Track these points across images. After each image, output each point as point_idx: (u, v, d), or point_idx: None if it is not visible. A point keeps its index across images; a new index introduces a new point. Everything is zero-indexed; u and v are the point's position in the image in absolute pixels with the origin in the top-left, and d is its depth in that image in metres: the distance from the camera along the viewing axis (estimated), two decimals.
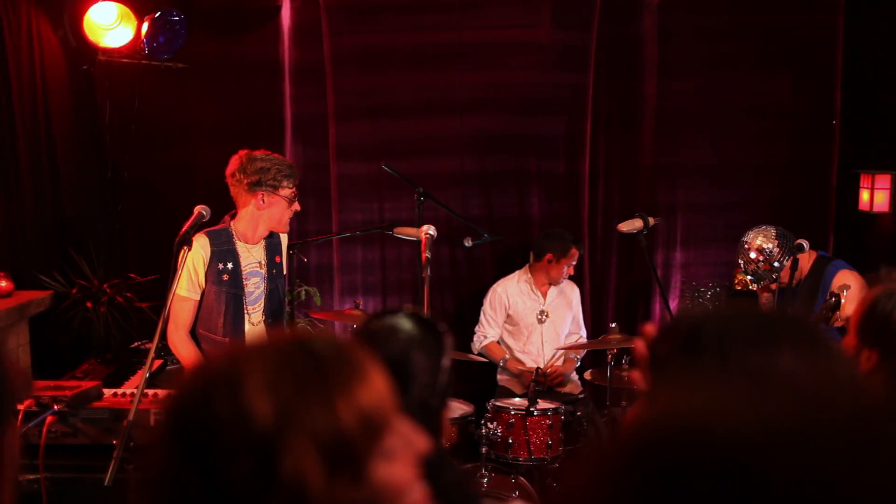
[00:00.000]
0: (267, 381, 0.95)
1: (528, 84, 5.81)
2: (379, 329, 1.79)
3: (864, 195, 5.28)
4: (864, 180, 5.30)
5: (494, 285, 5.42)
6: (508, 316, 5.33)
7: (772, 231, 4.24)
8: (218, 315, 3.56)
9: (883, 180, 5.17)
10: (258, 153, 3.61)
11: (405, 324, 1.78)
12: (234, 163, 3.59)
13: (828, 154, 5.84)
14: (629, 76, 5.89)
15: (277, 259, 3.74)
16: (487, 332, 5.35)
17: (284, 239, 3.83)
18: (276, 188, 3.56)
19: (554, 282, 5.29)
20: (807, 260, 4.17)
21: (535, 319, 5.28)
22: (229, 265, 3.56)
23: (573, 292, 5.46)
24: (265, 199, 3.55)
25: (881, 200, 5.19)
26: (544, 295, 5.32)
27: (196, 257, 3.49)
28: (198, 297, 3.56)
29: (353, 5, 5.71)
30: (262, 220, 3.61)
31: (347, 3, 5.71)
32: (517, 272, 5.42)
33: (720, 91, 5.79)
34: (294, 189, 3.64)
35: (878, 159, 5.26)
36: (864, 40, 5.52)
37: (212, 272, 3.54)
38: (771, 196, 5.76)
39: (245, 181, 3.53)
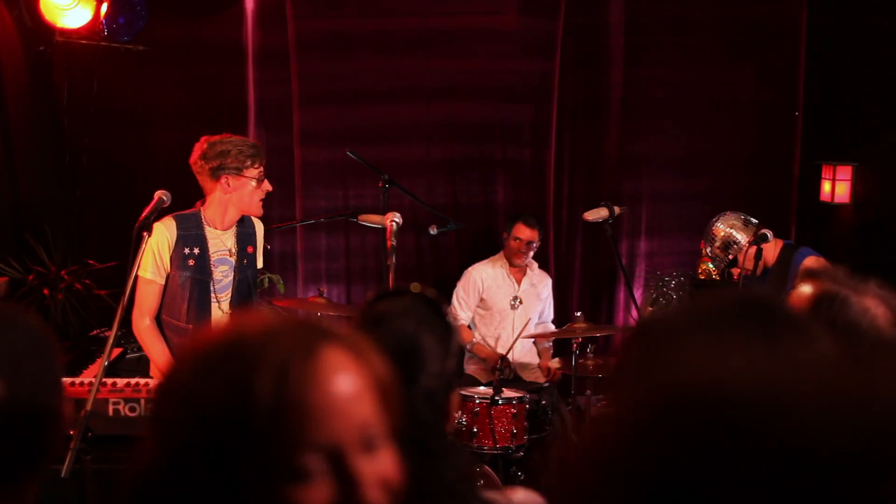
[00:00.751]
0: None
1: (494, 72, 5.79)
2: (387, 312, 1.66)
3: (826, 186, 5.33)
4: (826, 171, 5.35)
5: (469, 268, 5.39)
6: (482, 300, 5.32)
7: (738, 218, 4.26)
8: (182, 301, 3.49)
9: (844, 171, 5.22)
10: (217, 137, 3.53)
11: (415, 305, 1.66)
12: (195, 150, 3.51)
13: (790, 145, 5.90)
14: (596, 65, 5.90)
15: (249, 250, 3.67)
16: (459, 314, 5.32)
17: (260, 229, 3.76)
18: (240, 170, 3.48)
19: (512, 261, 5.29)
20: (773, 249, 4.19)
21: (507, 305, 5.27)
22: (196, 250, 3.49)
23: (543, 282, 5.46)
24: (230, 182, 3.48)
25: (842, 192, 5.24)
26: (518, 282, 5.32)
27: (161, 240, 3.42)
28: (163, 282, 3.48)
29: None
30: (230, 204, 3.54)
31: None
32: (492, 258, 5.41)
33: (685, 81, 5.82)
34: (260, 168, 3.56)
35: (840, 151, 5.32)
36: (827, 33, 5.57)
37: (177, 256, 3.46)
38: (734, 186, 5.81)
39: (207, 167, 3.46)
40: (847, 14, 5.30)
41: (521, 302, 5.28)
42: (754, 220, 4.27)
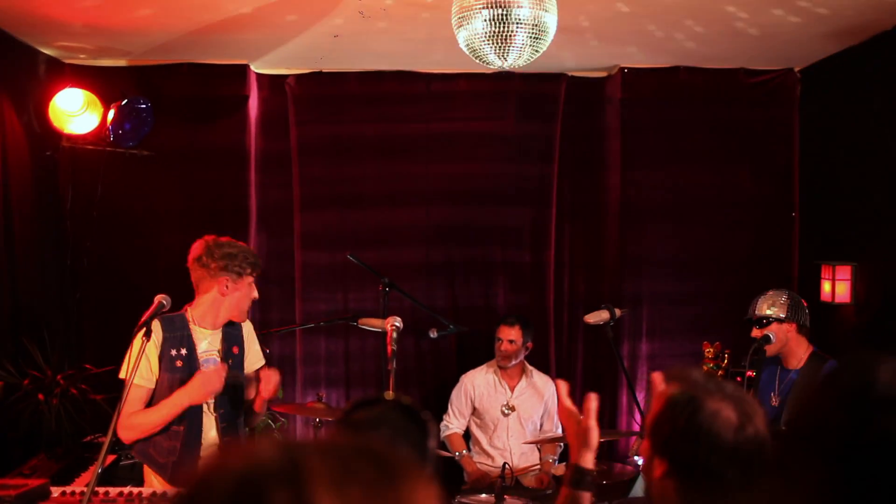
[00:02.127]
0: (333, 480, 0.88)
1: (493, 175, 5.87)
2: (362, 420, 1.72)
3: (826, 286, 5.33)
4: (825, 271, 5.36)
5: (463, 376, 5.36)
6: (475, 408, 5.25)
7: (783, 296, 4.16)
8: None
9: (843, 271, 5.23)
10: (225, 239, 3.58)
11: (388, 413, 1.71)
12: (199, 247, 3.54)
13: (788, 245, 5.92)
14: (593, 168, 5.98)
15: (235, 350, 3.64)
16: (451, 422, 5.26)
17: (248, 328, 3.74)
18: (240, 275, 3.51)
19: (498, 364, 5.25)
20: (800, 348, 4.08)
21: (499, 413, 5.20)
22: (183, 351, 3.46)
23: (546, 386, 5.38)
24: (229, 284, 3.49)
25: (842, 291, 5.23)
26: (512, 388, 5.25)
27: (149, 344, 3.39)
28: (152, 386, 3.43)
29: (321, 95, 5.77)
30: (223, 306, 3.54)
31: (315, 93, 5.76)
32: (486, 364, 5.36)
33: (682, 183, 5.88)
34: (255, 277, 3.60)
35: (839, 250, 5.33)
36: (820, 134, 5.67)
37: (165, 359, 3.43)
38: (734, 287, 5.80)
39: (212, 265, 3.48)
40: (840, 115, 5.41)
41: (513, 409, 5.20)
42: (800, 301, 4.17)
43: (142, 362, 3.36)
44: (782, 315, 4.02)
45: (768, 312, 4.04)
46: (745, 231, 5.91)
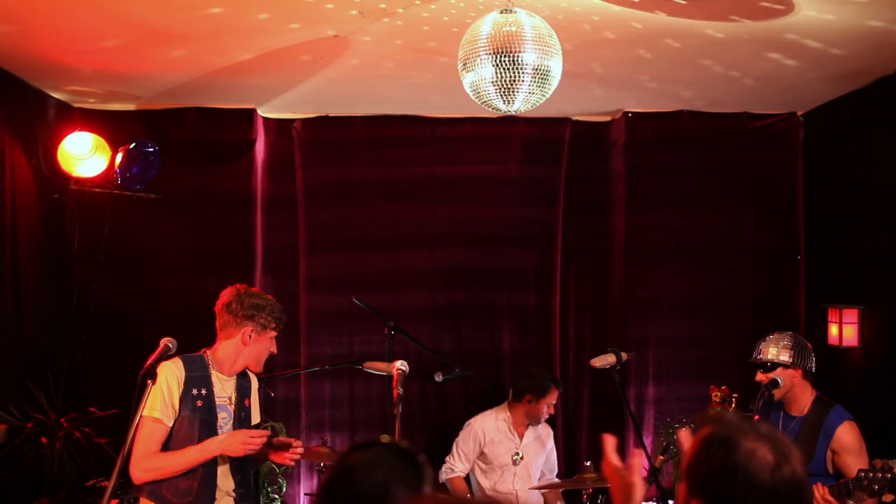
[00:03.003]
0: None
1: (498, 219, 5.89)
2: (358, 463, 1.74)
3: (833, 329, 5.31)
4: (832, 314, 5.34)
5: (472, 420, 5.29)
6: (482, 453, 5.19)
7: (788, 340, 4.10)
8: (190, 442, 3.40)
9: (850, 315, 5.21)
10: (255, 290, 3.64)
11: (384, 456, 1.74)
12: (229, 294, 3.55)
13: (795, 288, 5.91)
14: (598, 211, 6.00)
15: (246, 402, 3.64)
16: (456, 465, 5.20)
17: (255, 383, 3.74)
18: (264, 328, 3.53)
19: (534, 422, 5.18)
20: (804, 394, 4.03)
21: (509, 460, 5.14)
22: (203, 391, 3.45)
23: (547, 433, 5.34)
24: (252, 335, 3.51)
25: (850, 335, 5.21)
26: (521, 436, 5.19)
27: (171, 379, 3.37)
28: (170, 423, 3.39)
29: (327, 139, 5.81)
30: (242, 354, 3.54)
31: (321, 138, 5.81)
32: (495, 409, 5.29)
33: (687, 226, 5.89)
34: (276, 333, 3.61)
35: (845, 293, 5.32)
36: (824, 177, 5.69)
37: (186, 397, 3.41)
38: (741, 330, 5.76)
39: (240, 313, 3.49)
40: (843, 158, 5.43)
41: (522, 457, 5.15)
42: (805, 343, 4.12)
43: (160, 397, 3.34)
44: (788, 360, 3.98)
45: (773, 357, 4.01)
46: (750, 274, 5.90)
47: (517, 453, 5.14)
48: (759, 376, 4.03)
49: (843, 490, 3.49)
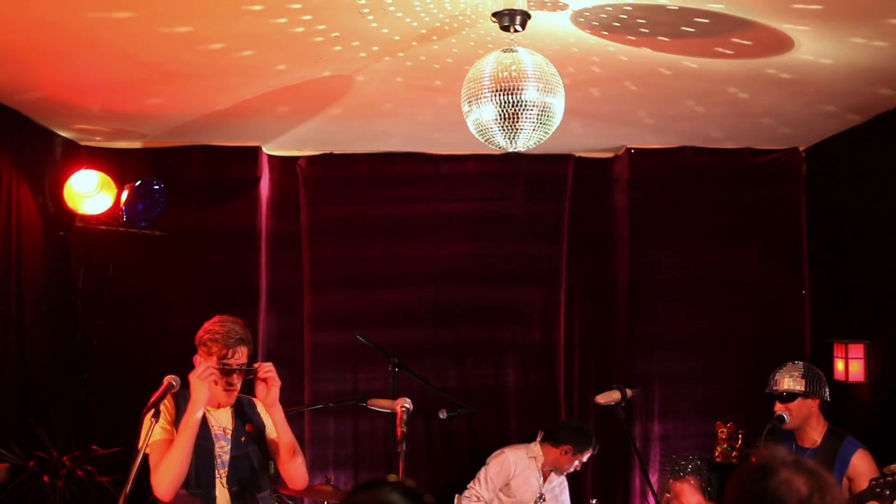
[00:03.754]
0: None
1: (502, 255, 5.89)
2: (364, 501, 1.73)
3: (839, 365, 5.27)
4: (838, 350, 5.31)
5: (505, 449, 5.23)
6: (508, 485, 5.13)
7: (803, 369, 4.07)
8: (190, 467, 3.37)
9: (856, 350, 5.18)
10: (218, 318, 3.60)
11: (390, 495, 1.73)
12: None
13: (800, 323, 5.89)
14: (602, 248, 6.00)
15: (248, 428, 3.60)
16: (482, 493, 5.11)
17: (260, 407, 3.70)
18: (208, 351, 3.49)
19: (558, 472, 5.17)
20: (819, 425, 4.00)
21: (531, 499, 5.09)
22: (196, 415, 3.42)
23: (564, 485, 5.32)
24: (199, 359, 3.50)
25: (856, 370, 5.18)
26: (545, 477, 5.16)
27: (165, 416, 3.36)
28: (172, 438, 3.37)
29: (331, 176, 5.84)
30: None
31: (325, 175, 5.84)
32: (526, 445, 5.24)
33: (691, 262, 5.89)
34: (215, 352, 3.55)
35: (851, 328, 5.30)
36: (827, 212, 5.69)
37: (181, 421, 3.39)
38: (746, 366, 5.74)
39: (196, 344, 3.52)
40: (846, 192, 5.43)
41: (544, 500, 5.11)
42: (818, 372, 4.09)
43: (164, 419, 3.32)
44: (806, 389, 3.96)
45: (790, 387, 3.99)
46: (755, 309, 5.89)
47: (541, 496, 5.10)
48: (778, 406, 4.00)
49: (855, 501, 3.46)
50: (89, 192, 5.19)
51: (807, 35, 3.59)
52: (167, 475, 3.29)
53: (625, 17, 3.36)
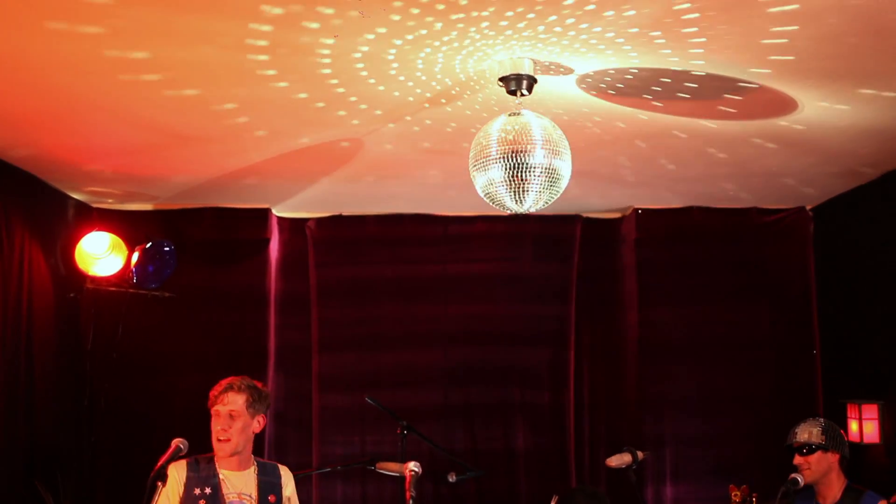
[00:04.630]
0: None
1: (511, 316, 5.89)
2: None
3: (853, 425, 5.21)
4: (851, 410, 5.25)
5: None
6: None
7: (823, 424, 4.04)
8: None
9: (870, 410, 5.12)
10: (253, 381, 3.68)
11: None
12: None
13: (812, 383, 5.83)
14: (611, 307, 6.00)
15: (272, 499, 3.58)
16: None
17: (287, 476, 3.69)
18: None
19: None
20: (839, 481, 3.95)
21: None
22: (207, 490, 3.41)
23: None
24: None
25: (871, 431, 5.11)
26: None
27: (171, 483, 3.34)
28: None
29: (340, 238, 5.88)
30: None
31: (334, 236, 5.87)
32: None
33: (701, 321, 5.87)
34: (214, 408, 3.61)
35: (864, 388, 5.25)
36: (836, 271, 5.68)
37: (189, 499, 3.37)
38: (759, 427, 5.69)
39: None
40: (855, 252, 5.43)
41: None
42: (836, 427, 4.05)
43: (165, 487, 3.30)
44: (826, 443, 3.92)
45: (812, 440, 3.95)
46: (766, 369, 5.84)
47: None
48: (797, 460, 3.97)
49: None
50: (100, 254, 5.23)
51: (809, 96, 3.63)
52: None
53: (630, 77, 3.42)
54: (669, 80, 3.45)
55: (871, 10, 2.79)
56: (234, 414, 3.54)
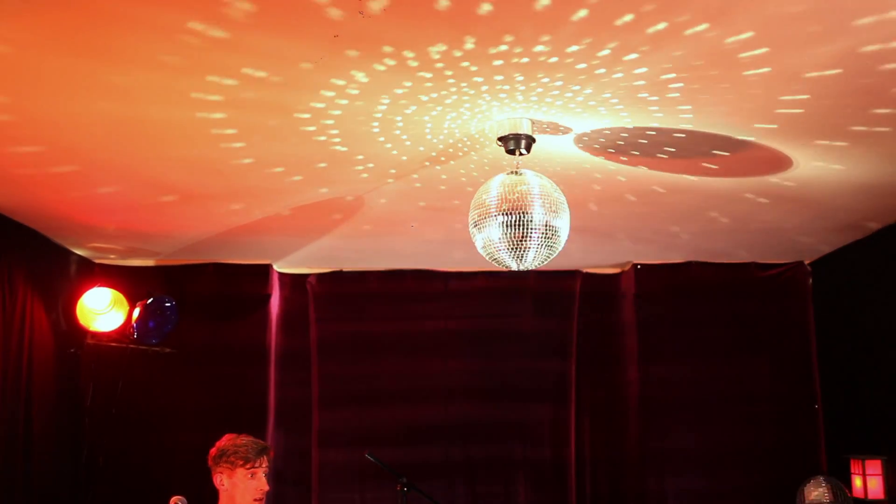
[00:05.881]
0: None
1: (511, 372, 5.88)
2: None
3: (857, 481, 5.17)
4: (855, 466, 5.21)
5: None
6: None
7: (829, 484, 4.00)
8: None
9: (874, 466, 5.09)
10: (229, 436, 3.62)
11: None
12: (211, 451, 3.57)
13: (815, 438, 5.80)
14: (611, 363, 5.99)
15: None
16: None
17: None
18: (232, 466, 3.51)
19: None
20: None
21: None
22: None
23: None
24: (224, 480, 3.51)
25: (875, 486, 5.07)
26: None
27: None
28: None
29: (341, 294, 5.90)
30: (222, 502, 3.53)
31: (335, 292, 5.89)
32: None
33: (701, 377, 5.85)
34: (252, 468, 3.55)
35: (867, 443, 5.21)
36: (836, 325, 5.69)
37: None
38: (762, 483, 5.64)
39: (210, 464, 3.59)
40: (854, 305, 5.44)
41: None
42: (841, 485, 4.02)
43: None
44: (836, 500, 3.90)
45: (820, 499, 3.92)
46: (769, 424, 5.81)
47: None
48: None
49: None
50: (102, 310, 5.24)
51: (803, 154, 3.69)
52: None
53: (626, 135, 3.47)
54: (663, 140, 3.51)
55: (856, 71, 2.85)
56: (267, 475, 3.58)
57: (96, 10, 2.40)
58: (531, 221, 3.01)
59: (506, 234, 3.02)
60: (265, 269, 5.78)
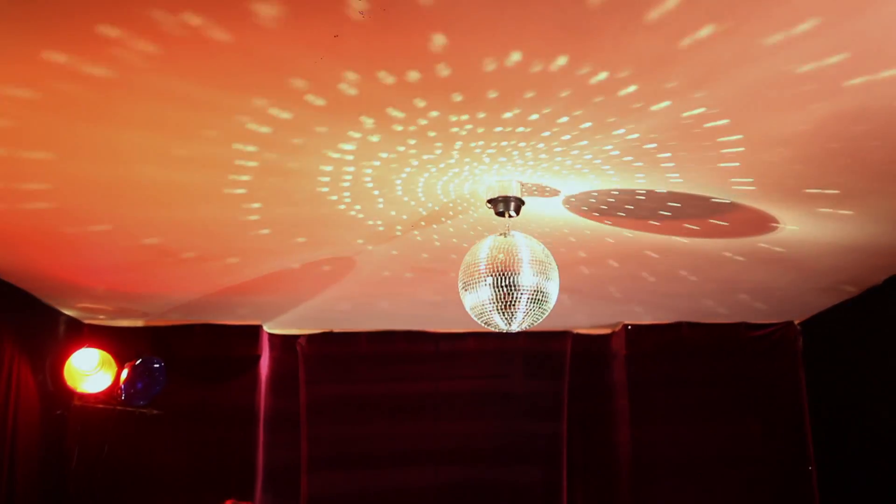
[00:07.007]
0: None
1: (502, 434, 5.84)
2: None
3: None
4: None
5: None
6: None
7: None
8: None
9: None
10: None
11: None
12: None
13: (809, 500, 5.74)
14: (603, 424, 5.96)
15: None
16: None
17: None
18: None
19: None
20: None
21: None
22: None
23: None
24: None
25: None
26: None
27: None
28: None
29: (331, 354, 5.87)
30: None
31: (325, 353, 5.87)
32: None
33: (693, 438, 5.82)
34: None
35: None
36: (827, 385, 5.68)
37: None
38: None
39: None
40: (844, 365, 5.44)
41: None
42: None
43: None
44: None
45: None
46: (762, 486, 5.76)
47: None
48: None
49: None
50: (90, 371, 5.20)
51: (788, 217, 3.73)
52: None
53: (612, 200, 3.51)
54: (649, 203, 3.55)
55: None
56: None
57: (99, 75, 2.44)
58: (520, 284, 3.03)
59: (495, 296, 3.04)
60: (255, 330, 5.75)
